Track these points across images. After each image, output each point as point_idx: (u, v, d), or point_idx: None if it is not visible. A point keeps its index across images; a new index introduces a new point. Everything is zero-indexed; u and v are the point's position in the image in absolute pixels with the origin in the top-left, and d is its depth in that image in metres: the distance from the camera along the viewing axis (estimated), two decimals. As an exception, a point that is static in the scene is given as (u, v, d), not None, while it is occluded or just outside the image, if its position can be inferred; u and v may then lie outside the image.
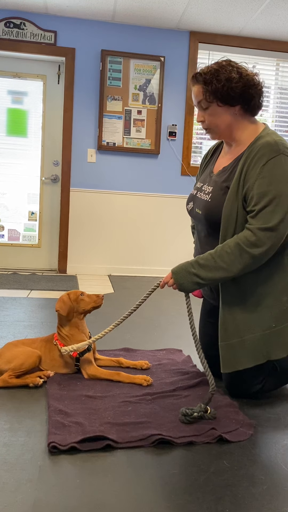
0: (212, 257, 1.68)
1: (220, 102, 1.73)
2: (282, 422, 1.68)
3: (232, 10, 4.11)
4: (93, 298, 2.02)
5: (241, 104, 1.75)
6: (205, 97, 1.74)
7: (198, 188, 1.94)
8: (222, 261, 1.66)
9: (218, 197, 1.77)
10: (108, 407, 1.68)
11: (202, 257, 1.71)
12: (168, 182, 4.77)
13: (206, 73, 1.73)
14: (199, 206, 1.86)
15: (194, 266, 1.70)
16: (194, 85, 1.78)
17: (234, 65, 1.75)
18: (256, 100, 1.76)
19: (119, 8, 4.19)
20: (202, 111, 1.80)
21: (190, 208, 1.95)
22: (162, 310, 3.28)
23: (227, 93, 1.71)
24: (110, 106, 4.56)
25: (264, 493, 1.26)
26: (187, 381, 1.94)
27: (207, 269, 1.68)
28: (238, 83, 1.70)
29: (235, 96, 1.72)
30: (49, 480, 1.27)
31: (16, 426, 1.55)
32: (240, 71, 1.73)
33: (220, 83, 1.70)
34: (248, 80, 1.72)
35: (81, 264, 4.71)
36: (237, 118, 1.78)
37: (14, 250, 4.75)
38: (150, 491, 1.24)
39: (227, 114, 1.76)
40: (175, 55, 4.64)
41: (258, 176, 1.65)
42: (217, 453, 1.44)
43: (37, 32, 4.40)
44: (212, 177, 1.88)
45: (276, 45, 4.76)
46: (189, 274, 1.70)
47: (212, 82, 1.71)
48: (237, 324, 1.73)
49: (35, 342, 2.02)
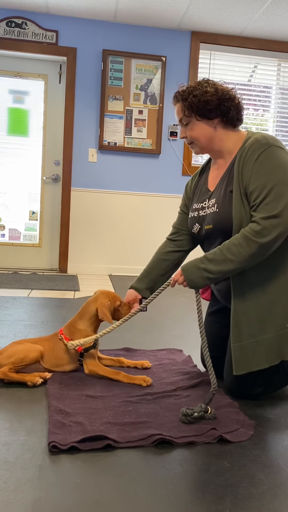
0: (220, 251, 1.69)
1: (198, 116, 1.80)
2: (283, 422, 1.68)
3: (234, 10, 4.11)
4: (125, 309, 1.97)
5: (219, 117, 1.81)
6: (184, 113, 1.81)
7: (198, 209, 1.93)
8: (230, 253, 1.67)
9: (225, 204, 1.78)
10: (108, 407, 1.68)
11: (211, 252, 1.72)
12: (169, 182, 4.77)
13: (184, 91, 1.82)
14: (208, 222, 1.86)
15: (203, 261, 1.70)
16: (175, 104, 1.87)
17: (210, 82, 1.83)
18: (233, 113, 1.81)
19: (121, 8, 4.19)
20: (183, 128, 1.87)
21: (197, 230, 1.93)
22: (162, 310, 3.28)
23: (203, 107, 1.78)
24: (111, 106, 4.56)
25: (264, 494, 1.25)
26: (188, 381, 1.93)
27: (216, 263, 1.68)
28: (213, 96, 1.78)
29: (211, 109, 1.78)
30: (49, 480, 1.27)
31: (16, 426, 1.54)
32: (215, 86, 1.81)
33: (196, 98, 1.78)
34: (224, 93, 1.79)
35: (81, 264, 4.71)
36: (218, 131, 1.83)
37: (15, 250, 4.75)
38: (150, 491, 1.24)
39: (207, 127, 1.82)
40: (176, 55, 4.64)
41: (252, 171, 1.68)
42: (217, 453, 1.44)
43: (39, 32, 4.41)
44: (210, 192, 1.89)
45: (278, 45, 4.75)
46: (198, 270, 1.70)
47: (188, 97, 1.80)
48: (251, 325, 1.73)
49: (39, 341, 2.01)
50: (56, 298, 3.50)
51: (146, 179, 4.73)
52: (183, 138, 1.90)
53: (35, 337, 2.17)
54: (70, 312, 3.11)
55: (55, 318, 2.93)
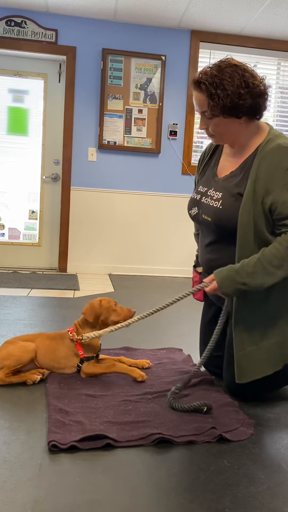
0: (261, 263, 1.62)
1: (226, 114, 1.69)
2: (282, 421, 1.68)
3: (234, 9, 4.11)
4: (125, 312, 1.95)
5: (247, 115, 1.71)
6: (210, 109, 1.68)
7: (202, 193, 1.86)
8: (270, 266, 1.62)
9: (230, 204, 1.72)
10: (108, 406, 1.68)
11: (248, 263, 1.64)
12: (169, 181, 4.77)
13: (211, 84, 1.63)
14: (207, 213, 1.80)
15: (241, 275, 1.64)
16: (195, 91, 1.70)
17: (240, 72, 1.64)
18: (262, 108, 1.72)
19: (120, 7, 4.19)
20: (205, 120, 1.74)
21: (194, 213, 1.88)
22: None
23: (235, 108, 1.66)
24: (111, 105, 4.56)
25: (264, 493, 1.26)
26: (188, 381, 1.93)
27: (256, 276, 1.63)
28: (247, 99, 1.65)
29: (242, 110, 1.67)
30: (49, 479, 1.27)
31: (16, 425, 1.55)
32: (247, 83, 1.64)
33: (228, 98, 1.63)
34: (256, 92, 1.66)
35: (81, 263, 4.71)
36: (243, 126, 1.74)
37: (15, 249, 4.75)
38: (150, 490, 1.24)
39: (233, 124, 1.72)
40: (176, 54, 4.63)
41: (283, 184, 1.62)
42: (217, 452, 1.44)
43: (38, 31, 4.40)
44: (218, 181, 1.82)
45: (278, 44, 4.75)
46: (235, 283, 1.65)
47: (219, 96, 1.63)
48: (252, 332, 1.71)
49: (39, 337, 1.98)
50: (55, 298, 3.50)
51: (145, 178, 4.73)
52: (203, 129, 1.78)
53: (34, 333, 2.14)
54: (70, 311, 3.11)
55: (55, 317, 2.93)
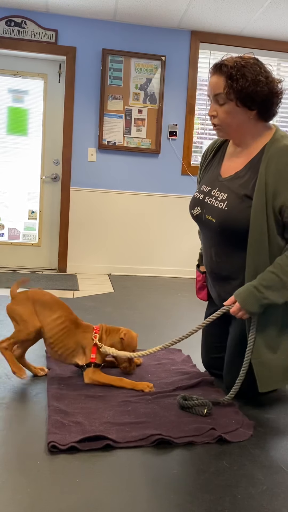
0: (277, 276, 1.60)
1: (240, 102, 1.65)
2: (282, 423, 1.68)
3: (233, 10, 4.11)
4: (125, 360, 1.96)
5: (258, 110, 1.68)
6: (226, 92, 1.64)
7: (205, 192, 1.83)
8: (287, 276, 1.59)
9: (236, 206, 1.69)
10: (107, 407, 1.68)
11: (265, 277, 1.61)
12: (169, 181, 4.77)
13: (233, 67, 1.62)
14: (211, 213, 1.76)
15: (260, 290, 1.61)
16: (214, 75, 1.67)
17: (261, 66, 1.65)
18: (274, 109, 1.70)
19: (120, 7, 4.19)
20: (216, 105, 1.70)
21: (197, 213, 1.84)
22: (162, 310, 3.28)
23: (250, 96, 1.63)
24: (111, 105, 4.56)
25: (263, 494, 1.26)
26: (187, 381, 1.94)
27: (275, 289, 1.60)
28: (264, 88, 1.63)
29: (256, 101, 1.65)
30: (48, 480, 1.27)
31: (16, 426, 1.55)
32: (267, 75, 1.64)
33: (246, 83, 1.61)
34: (274, 86, 1.65)
35: (81, 263, 4.71)
36: (251, 122, 1.71)
37: (14, 249, 4.75)
38: (149, 491, 1.24)
39: (243, 115, 1.69)
40: (176, 54, 4.63)
41: None
42: (216, 453, 1.44)
43: (38, 31, 4.40)
44: (223, 181, 1.78)
45: (277, 45, 4.75)
46: (257, 300, 1.62)
47: (238, 79, 1.61)
48: (270, 341, 1.69)
49: (67, 311, 1.92)
50: (55, 298, 3.49)
51: (145, 179, 4.73)
52: (211, 115, 1.73)
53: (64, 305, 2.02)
54: (70, 311, 3.10)
55: (55, 318, 2.92)
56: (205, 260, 1.91)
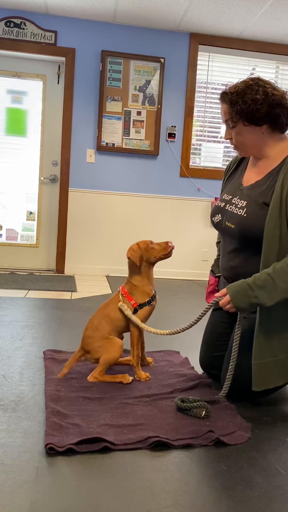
0: (271, 278, 1.64)
1: (246, 122, 1.75)
2: (280, 425, 1.68)
3: (233, 13, 4.12)
4: (162, 246, 2.03)
5: (268, 124, 1.76)
6: (231, 117, 1.77)
7: (226, 201, 1.91)
8: (281, 281, 1.63)
9: (255, 213, 1.76)
10: (105, 409, 1.67)
11: (260, 277, 1.66)
12: (167, 183, 4.77)
13: (233, 93, 1.75)
14: (231, 220, 1.84)
15: (253, 288, 1.65)
16: (221, 103, 1.81)
17: (261, 84, 1.75)
18: (282, 119, 1.76)
19: (120, 9, 4.20)
20: (229, 129, 1.83)
21: (217, 221, 1.92)
22: (160, 311, 3.28)
23: (252, 114, 1.73)
24: (110, 107, 4.56)
25: (261, 497, 1.26)
26: (185, 383, 1.94)
27: (266, 290, 1.64)
28: (263, 105, 1.72)
29: (260, 117, 1.73)
30: (46, 482, 1.26)
31: (13, 427, 1.54)
32: (266, 91, 1.73)
33: (246, 104, 1.72)
34: (274, 100, 1.73)
35: (79, 265, 4.70)
36: (265, 137, 1.79)
37: (12, 250, 4.74)
38: (147, 493, 1.24)
39: (254, 133, 1.78)
40: (175, 56, 4.64)
41: None
42: (214, 456, 1.44)
43: (37, 32, 4.40)
44: (243, 190, 1.86)
45: (276, 48, 4.77)
46: (248, 297, 1.66)
47: (237, 103, 1.73)
48: (272, 344, 1.72)
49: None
50: (53, 299, 3.49)
51: (144, 180, 4.73)
52: (227, 139, 1.86)
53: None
54: (67, 313, 3.10)
55: (52, 319, 2.92)
56: (224, 266, 1.97)
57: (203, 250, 4.87)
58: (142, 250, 2.01)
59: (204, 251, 4.87)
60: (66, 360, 2.13)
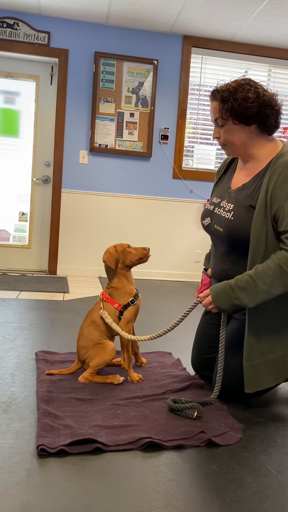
0: (253, 279, 1.65)
1: (236, 120, 1.76)
2: (271, 426, 1.69)
3: (226, 16, 4.14)
4: (139, 251, 2.03)
5: (257, 124, 1.77)
6: (221, 114, 1.77)
7: (215, 204, 1.92)
8: (262, 283, 1.64)
9: (242, 216, 1.76)
10: (97, 410, 1.67)
11: (241, 279, 1.68)
12: (160, 185, 4.78)
13: (224, 91, 1.76)
14: (219, 223, 1.85)
15: (234, 289, 1.67)
16: (211, 101, 1.81)
17: (252, 84, 1.76)
18: (272, 120, 1.77)
19: (113, 11, 4.20)
20: (218, 128, 1.83)
21: (207, 224, 1.93)
22: (152, 312, 3.28)
23: (243, 112, 1.73)
24: (103, 108, 4.56)
25: (252, 497, 1.26)
26: (177, 384, 1.94)
27: (248, 292, 1.66)
28: (254, 103, 1.73)
29: (250, 116, 1.74)
30: (38, 483, 1.26)
31: (4, 429, 1.53)
32: (257, 91, 1.75)
33: (237, 102, 1.72)
34: (265, 100, 1.74)
35: (71, 266, 4.69)
36: (253, 137, 1.79)
37: (4, 251, 4.72)
38: (138, 494, 1.24)
39: (243, 132, 1.78)
40: (168, 58, 4.66)
41: (286, 196, 1.65)
42: (206, 457, 1.44)
43: (31, 33, 4.39)
44: (231, 193, 1.87)
45: (269, 51, 4.80)
46: (229, 298, 1.69)
47: (229, 100, 1.74)
48: (262, 345, 1.73)
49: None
50: (45, 300, 3.48)
51: (136, 182, 4.74)
52: (216, 138, 1.85)
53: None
54: (59, 314, 3.10)
55: (44, 320, 2.91)
56: (214, 269, 1.98)
57: (195, 252, 4.88)
58: (118, 252, 2.01)
59: (196, 253, 4.88)
60: (58, 362, 2.12)
